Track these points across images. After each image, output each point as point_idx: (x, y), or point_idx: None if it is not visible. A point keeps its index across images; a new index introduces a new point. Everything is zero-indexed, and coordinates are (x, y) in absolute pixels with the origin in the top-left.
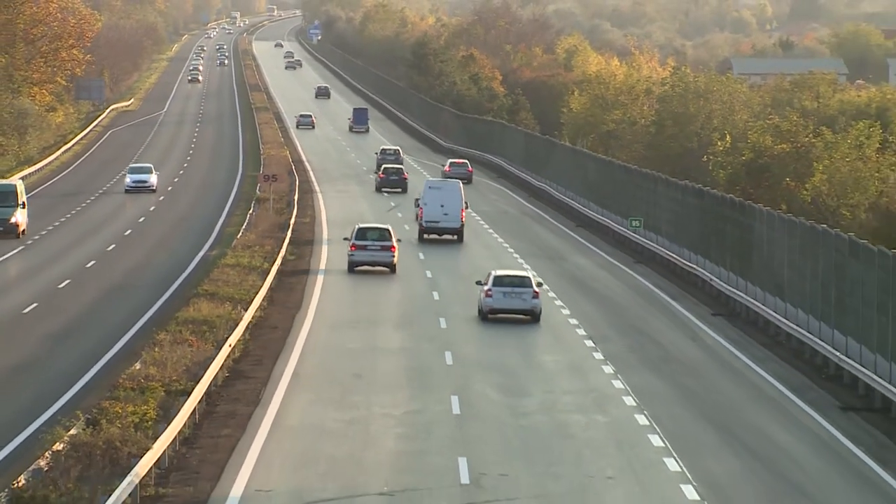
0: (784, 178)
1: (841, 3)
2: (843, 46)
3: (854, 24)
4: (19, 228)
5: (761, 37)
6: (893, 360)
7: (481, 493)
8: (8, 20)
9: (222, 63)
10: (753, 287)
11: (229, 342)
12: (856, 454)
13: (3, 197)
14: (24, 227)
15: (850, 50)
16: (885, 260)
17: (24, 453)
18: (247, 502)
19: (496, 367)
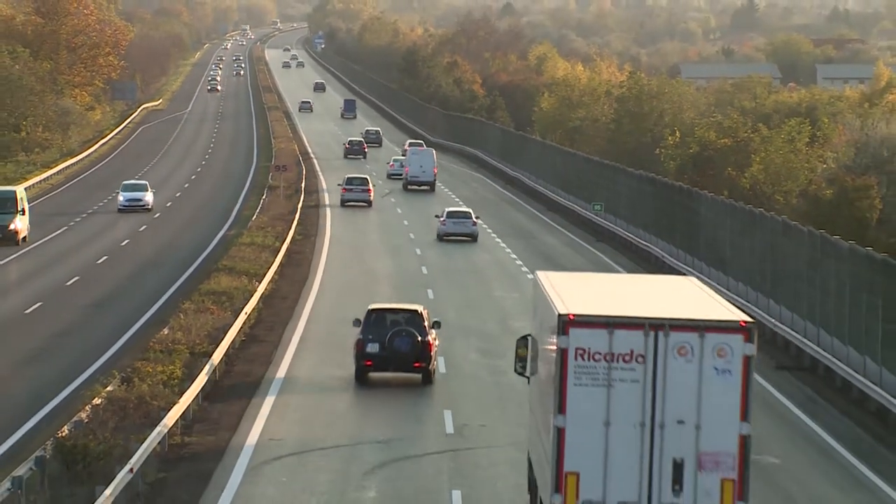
0: (726, 168)
1: (775, 16)
2: (777, 54)
3: (786, 34)
4: (18, 235)
5: (706, 45)
6: (820, 325)
7: (464, 441)
8: (53, 31)
9: (238, 73)
10: (699, 262)
11: (245, 311)
12: (788, 406)
13: (3, 203)
14: (23, 233)
15: (782, 57)
16: (813, 239)
17: (67, 407)
18: (261, 450)
19: (476, 333)
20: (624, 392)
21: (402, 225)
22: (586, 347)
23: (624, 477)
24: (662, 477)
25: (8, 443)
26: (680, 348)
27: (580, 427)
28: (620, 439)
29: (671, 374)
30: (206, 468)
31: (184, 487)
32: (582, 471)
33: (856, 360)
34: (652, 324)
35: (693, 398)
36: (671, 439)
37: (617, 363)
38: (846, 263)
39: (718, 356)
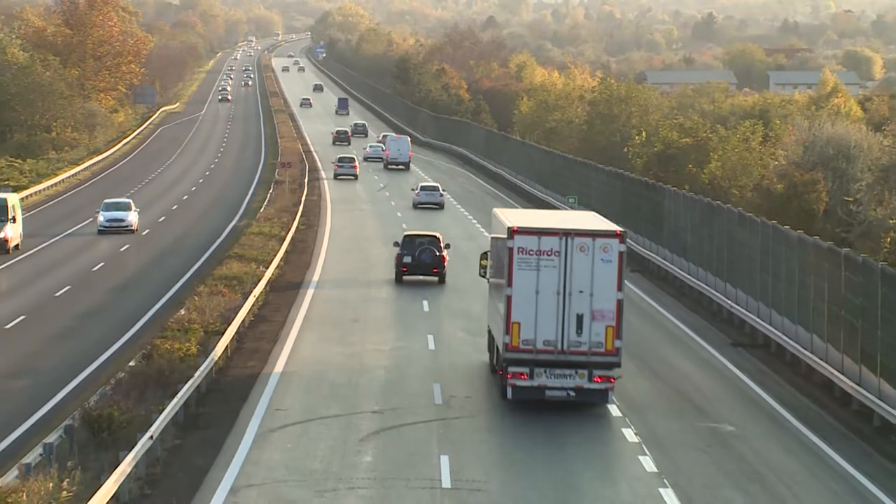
0: (687, 164)
1: (732, 28)
2: (733, 62)
3: (742, 44)
4: (9, 244)
5: (669, 54)
6: (772, 306)
7: (451, 410)
8: (80, 41)
9: (246, 84)
10: (663, 249)
11: (254, 293)
12: (742, 379)
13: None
14: (14, 242)
15: (738, 64)
16: (766, 229)
17: (95, 380)
18: (268, 418)
19: (463, 315)
20: (547, 273)
21: (395, 216)
22: (524, 246)
23: (547, 325)
24: (570, 325)
25: (53, 401)
26: (581, 247)
27: (520, 294)
28: (545, 302)
29: (575, 263)
30: (219, 435)
31: (198, 453)
32: (522, 321)
33: (804, 338)
34: (564, 232)
35: (588, 277)
36: (575, 302)
37: (543, 256)
38: (795, 250)
39: (603, 251)
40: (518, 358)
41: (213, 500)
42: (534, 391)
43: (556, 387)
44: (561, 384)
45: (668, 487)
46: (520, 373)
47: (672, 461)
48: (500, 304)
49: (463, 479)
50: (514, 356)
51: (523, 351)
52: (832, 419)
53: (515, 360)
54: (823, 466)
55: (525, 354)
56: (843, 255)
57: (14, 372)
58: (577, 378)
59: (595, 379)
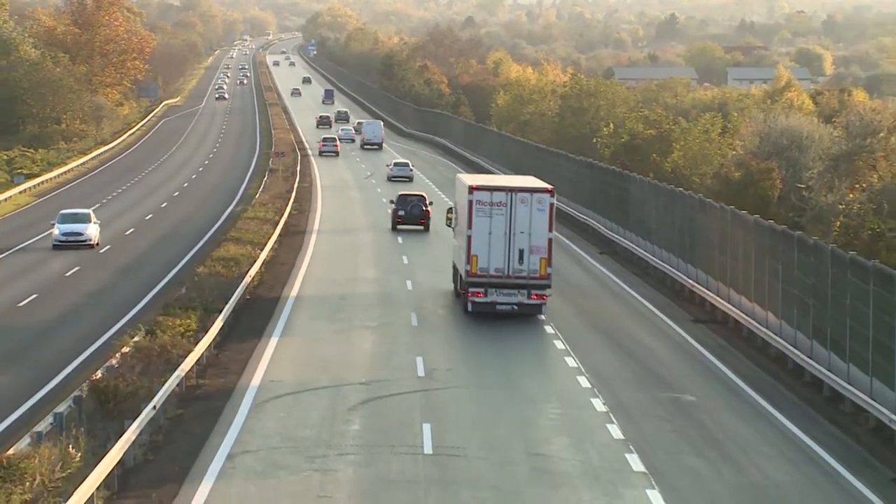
0: (651, 154)
1: (693, 27)
2: (694, 59)
3: (702, 42)
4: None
5: (635, 52)
6: (730, 286)
7: (433, 382)
8: (88, 39)
9: (242, 83)
10: (630, 233)
11: (250, 274)
12: (703, 353)
13: None
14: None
15: (699, 61)
16: (724, 213)
17: (101, 354)
18: (263, 389)
19: (444, 293)
20: (497, 219)
21: (380, 202)
22: (480, 199)
23: (497, 257)
24: (514, 257)
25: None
26: (522, 200)
27: (477, 234)
28: (495, 240)
29: (518, 211)
30: (217, 405)
31: (198, 422)
32: (479, 254)
33: (759, 314)
34: (510, 189)
35: (527, 222)
36: (518, 240)
37: (494, 207)
38: (752, 234)
39: (538, 203)
40: (476, 281)
41: (212, 465)
42: (487, 305)
43: (504, 302)
44: (507, 300)
45: (633, 453)
46: (477, 292)
47: (637, 429)
48: (462, 243)
49: (443, 446)
50: (473, 280)
51: (480, 276)
52: (785, 390)
53: (474, 283)
54: (777, 433)
55: (481, 279)
56: (795, 237)
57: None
58: (519, 296)
59: (532, 297)
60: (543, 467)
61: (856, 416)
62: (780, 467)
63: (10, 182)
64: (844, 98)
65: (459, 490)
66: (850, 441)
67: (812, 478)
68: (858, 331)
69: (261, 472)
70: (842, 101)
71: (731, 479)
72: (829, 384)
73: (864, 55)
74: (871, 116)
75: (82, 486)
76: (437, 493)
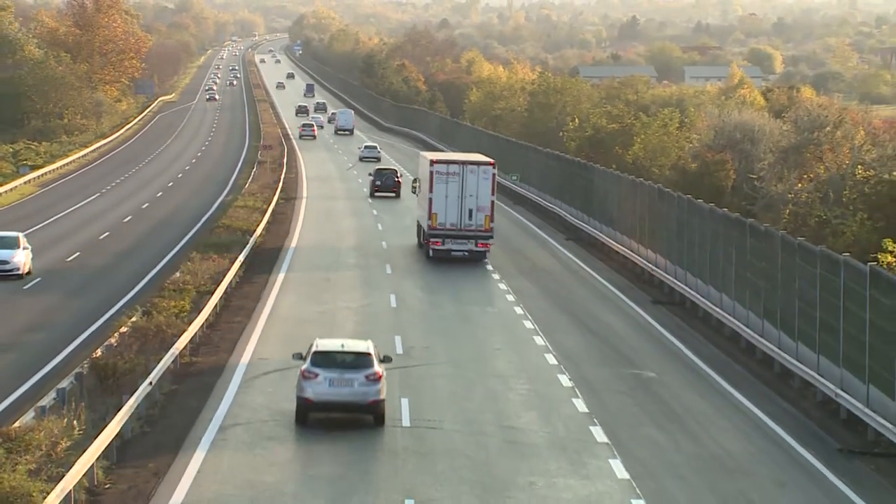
0: (614, 147)
1: (652, 28)
2: (654, 58)
3: (661, 42)
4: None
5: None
6: (687, 269)
7: (411, 359)
8: (88, 40)
9: (231, 84)
10: (594, 220)
11: (240, 258)
12: (662, 332)
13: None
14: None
15: (658, 60)
16: (682, 202)
17: (100, 333)
18: (252, 366)
19: (419, 275)
20: (452, 186)
21: (362, 191)
22: (439, 171)
23: (452, 214)
24: (464, 214)
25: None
26: (471, 171)
27: (437, 197)
28: (450, 202)
29: (468, 180)
30: (209, 381)
31: (191, 397)
32: (438, 212)
33: (714, 296)
34: (462, 163)
35: (475, 188)
36: (467, 202)
37: (450, 176)
38: (707, 221)
39: (483, 174)
40: (436, 233)
41: (205, 437)
42: (444, 252)
43: (457, 249)
44: (460, 248)
45: (597, 426)
46: (436, 241)
47: (601, 403)
48: (425, 204)
49: (420, 419)
50: (433, 232)
51: (439, 229)
52: (739, 367)
53: (434, 235)
54: (731, 407)
55: (440, 231)
56: (748, 224)
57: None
58: (469, 244)
59: (479, 245)
60: (514, 439)
61: (804, 390)
62: (734, 438)
63: (16, 173)
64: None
65: (436, 460)
66: (799, 414)
67: (764, 448)
68: (806, 311)
69: (250, 443)
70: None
71: (689, 449)
72: (779, 361)
73: (812, 55)
74: (817, 112)
75: (83, 456)
76: (414, 463)
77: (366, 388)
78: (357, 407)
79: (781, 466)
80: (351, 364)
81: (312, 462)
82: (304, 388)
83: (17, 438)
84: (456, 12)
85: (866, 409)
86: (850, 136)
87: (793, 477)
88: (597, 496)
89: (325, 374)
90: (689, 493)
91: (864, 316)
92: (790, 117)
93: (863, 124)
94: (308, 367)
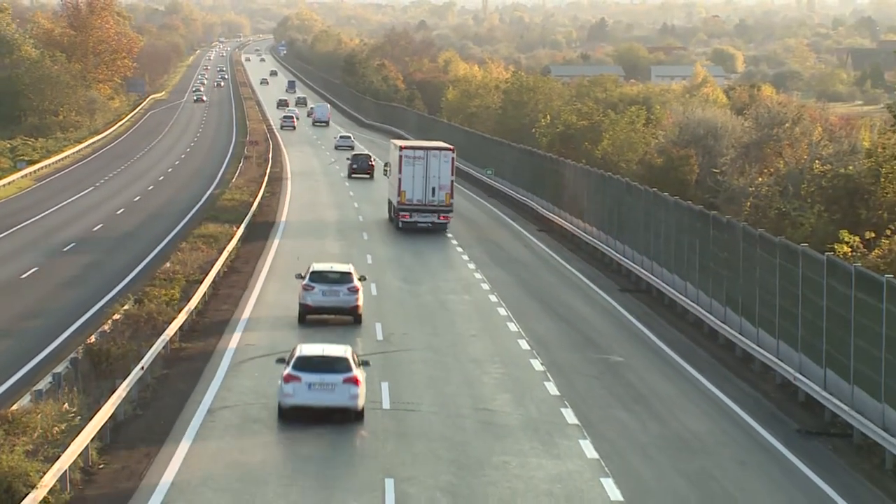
0: (584, 142)
1: (620, 29)
2: (622, 58)
3: (628, 43)
4: None
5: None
6: (653, 259)
7: (391, 345)
8: (82, 40)
9: (219, 84)
10: (564, 213)
11: (227, 249)
12: (629, 319)
13: None
14: None
15: (626, 60)
16: (648, 195)
17: (94, 321)
18: (240, 351)
19: (399, 265)
20: (418, 167)
21: (343, 186)
22: (408, 155)
23: (418, 192)
24: (428, 191)
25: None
26: (433, 155)
27: (405, 178)
28: (417, 181)
29: (430, 163)
30: (198, 366)
31: (182, 381)
32: (406, 190)
33: (679, 285)
34: (426, 149)
35: (437, 169)
36: (431, 181)
37: (416, 160)
38: (672, 213)
39: (444, 158)
40: (404, 208)
41: (194, 419)
42: (411, 224)
43: (422, 221)
44: (424, 220)
45: (568, 408)
46: (405, 214)
47: (571, 386)
48: (395, 183)
49: (399, 402)
50: (402, 207)
51: (407, 204)
52: (702, 351)
53: (403, 209)
54: (694, 390)
55: (408, 206)
56: (711, 216)
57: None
58: (432, 217)
59: (440, 217)
60: (488, 420)
61: (764, 374)
62: (697, 419)
63: (14, 167)
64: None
65: (414, 441)
66: (759, 396)
67: (726, 429)
68: (766, 299)
69: (237, 424)
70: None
71: (655, 430)
72: (740, 346)
73: (772, 55)
74: (777, 109)
75: (78, 437)
76: (394, 443)
77: (348, 297)
78: (342, 311)
79: (742, 446)
80: (337, 279)
81: (297, 443)
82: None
83: (15, 421)
84: (433, 14)
85: (823, 391)
86: (808, 133)
87: (753, 456)
88: (567, 475)
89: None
90: (655, 471)
91: (821, 303)
92: (751, 114)
93: (820, 121)
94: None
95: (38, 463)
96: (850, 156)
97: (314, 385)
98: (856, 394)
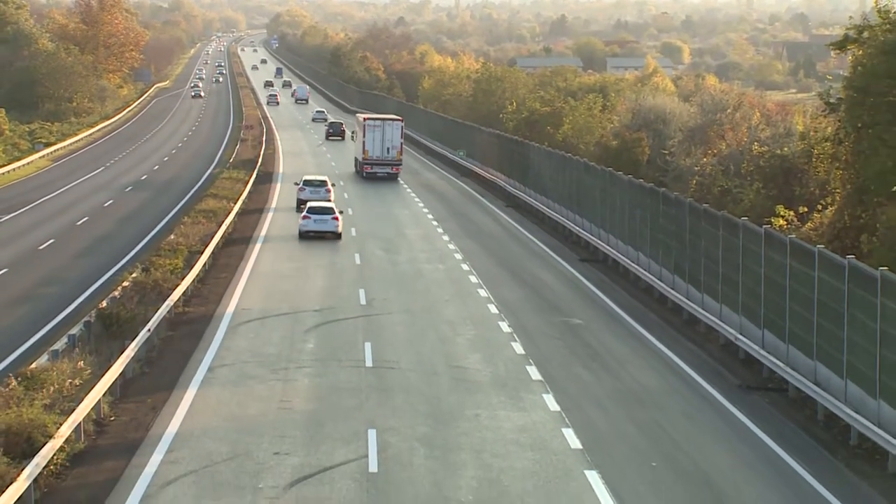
0: (546, 127)
1: (579, 25)
2: (581, 51)
3: (586, 37)
4: None
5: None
6: (609, 231)
7: (373, 308)
8: (94, 34)
9: (217, 80)
10: (530, 190)
11: (225, 223)
12: (587, 285)
13: None
14: None
15: (584, 53)
16: (604, 174)
17: (105, 287)
18: (237, 315)
19: (380, 237)
20: (377, 133)
21: (330, 165)
22: (369, 124)
23: (377, 150)
24: (385, 150)
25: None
26: (388, 124)
27: (368, 140)
28: (376, 142)
29: (386, 129)
30: (200, 328)
31: (185, 342)
32: (369, 149)
33: (632, 255)
34: (382, 119)
35: (391, 134)
36: (387, 142)
37: (375, 127)
38: (626, 190)
39: (395, 126)
40: (367, 161)
41: (196, 375)
42: (372, 174)
43: (380, 171)
44: (382, 170)
45: (532, 365)
46: (367, 167)
47: (535, 346)
48: (360, 145)
49: (381, 360)
50: (365, 161)
51: (369, 160)
52: (653, 315)
53: (366, 163)
54: (646, 349)
55: (370, 161)
56: (660, 193)
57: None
58: (387, 169)
59: (393, 169)
60: (461, 377)
61: (708, 335)
62: (648, 375)
63: (32, 149)
64: (699, 82)
65: (394, 395)
66: (704, 355)
67: (674, 384)
68: (710, 267)
69: (235, 380)
70: (697, 85)
71: (610, 385)
72: (687, 310)
73: (715, 48)
74: (720, 97)
75: (91, 392)
76: (376, 398)
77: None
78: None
79: (689, 399)
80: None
81: (288, 397)
82: None
83: (34, 377)
84: (411, 11)
85: (762, 350)
86: (747, 118)
87: (699, 408)
88: (532, 425)
89: None
90: (611, 422)
91: (760, 271)
92: (696, 101)
93: (758, 107)
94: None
95: (55, 415)
96: (785, 138)
97: (317, 220)
98: (791, 352)
